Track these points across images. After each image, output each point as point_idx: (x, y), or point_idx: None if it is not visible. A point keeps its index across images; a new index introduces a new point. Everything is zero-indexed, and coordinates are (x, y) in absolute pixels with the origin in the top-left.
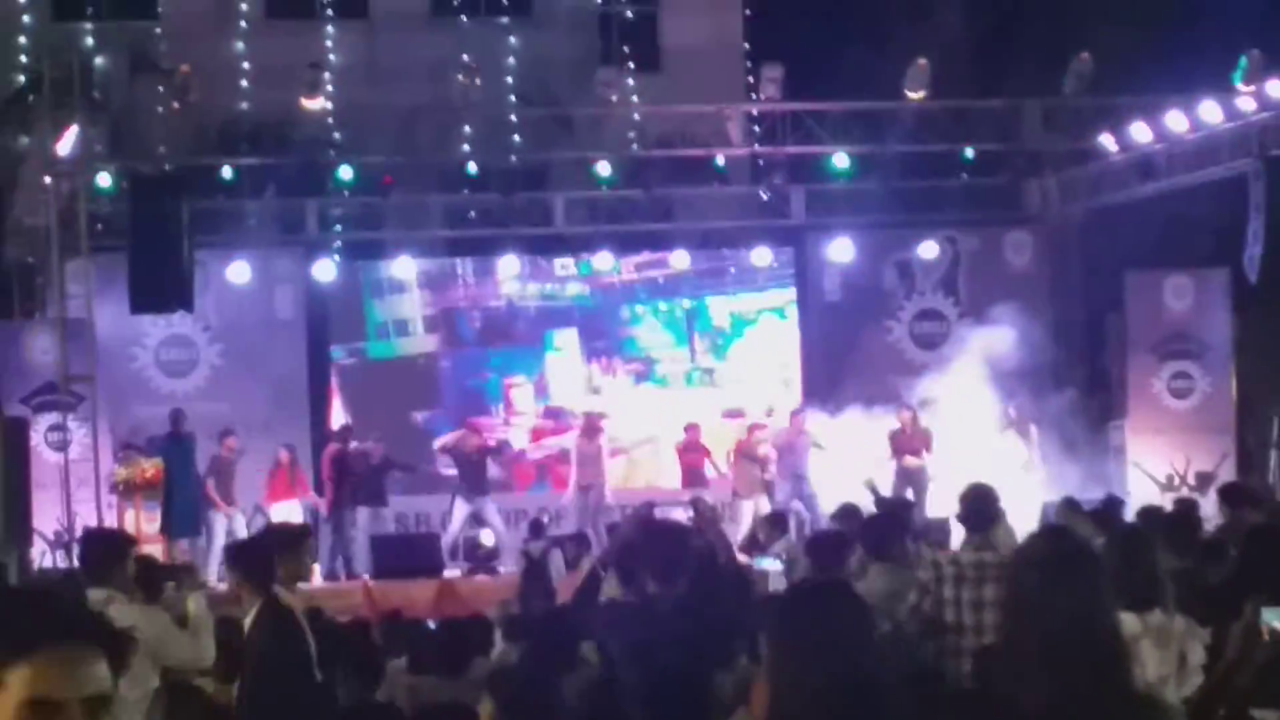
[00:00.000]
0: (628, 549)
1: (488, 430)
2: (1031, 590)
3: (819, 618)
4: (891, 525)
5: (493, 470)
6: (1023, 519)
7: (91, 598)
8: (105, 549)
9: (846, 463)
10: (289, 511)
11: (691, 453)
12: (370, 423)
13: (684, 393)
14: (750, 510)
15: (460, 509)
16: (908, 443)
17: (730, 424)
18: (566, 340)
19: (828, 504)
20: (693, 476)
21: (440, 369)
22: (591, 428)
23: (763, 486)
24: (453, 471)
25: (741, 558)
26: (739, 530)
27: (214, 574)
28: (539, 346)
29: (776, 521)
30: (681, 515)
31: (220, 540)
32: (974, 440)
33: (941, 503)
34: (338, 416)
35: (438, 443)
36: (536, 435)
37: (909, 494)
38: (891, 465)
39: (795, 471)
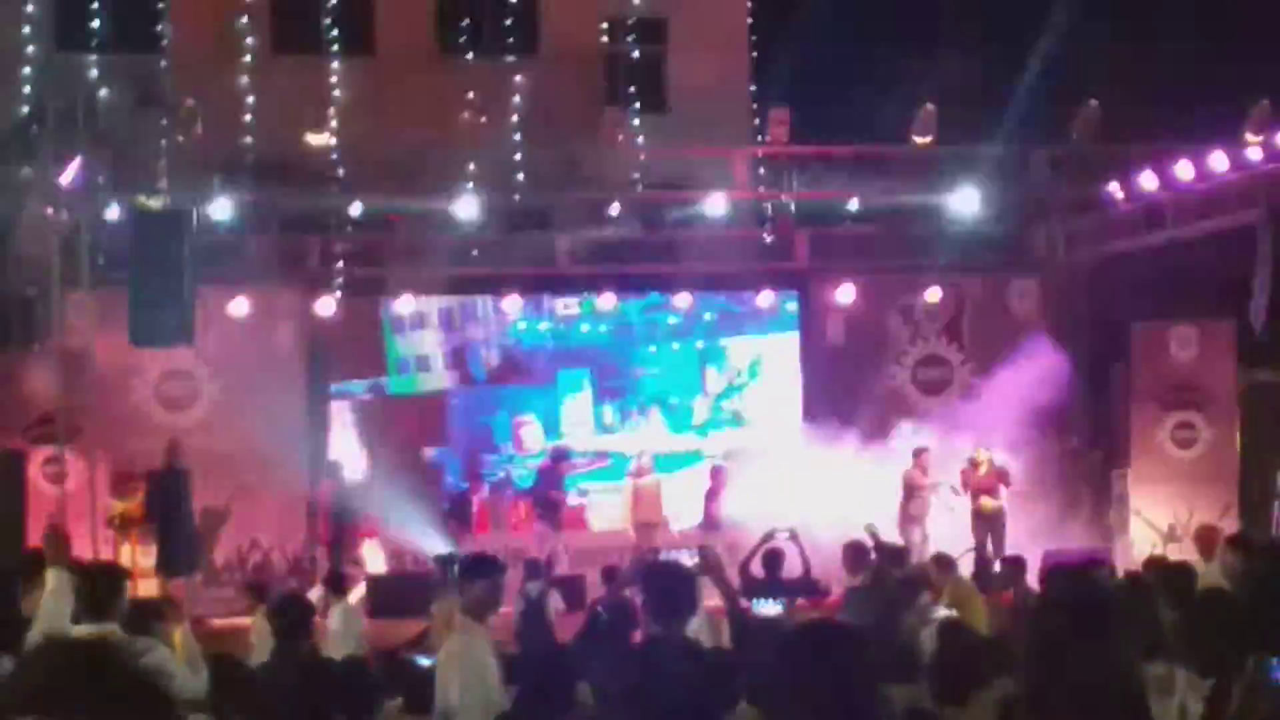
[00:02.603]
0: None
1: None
2: (1061, 636)
3: (815, 657)
4: None
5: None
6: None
7: (87, 633)
8: (103, 584)
9: (849, 506)
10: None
11: (712, 499)
12: (381, 457)
13: (694, 433)
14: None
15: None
16: (982, 482)
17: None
18: (579, 380)
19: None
20: (711, 520)
21: (451, 406)
22: (643, 469)
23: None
24: None
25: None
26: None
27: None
28: (551, 385)
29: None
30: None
31: None
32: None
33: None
34: (335, 451)
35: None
36: (543, 474)
37: (988, 538)
38: (946, 502)
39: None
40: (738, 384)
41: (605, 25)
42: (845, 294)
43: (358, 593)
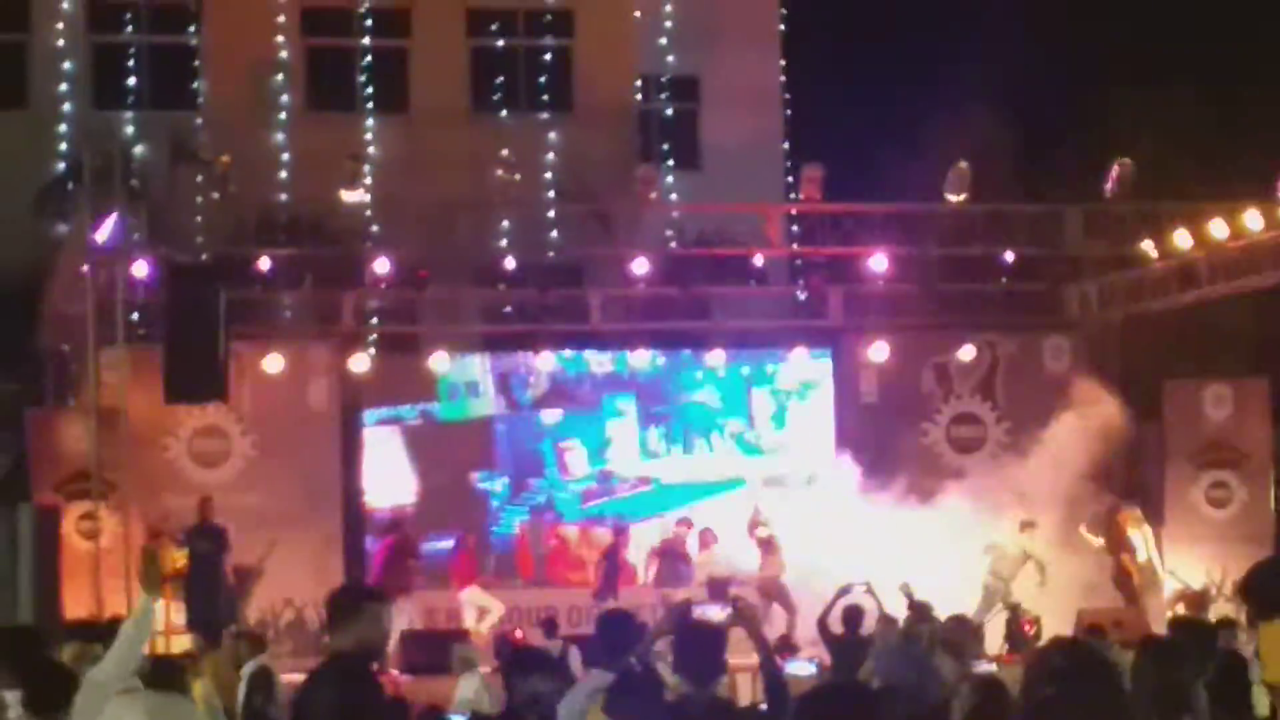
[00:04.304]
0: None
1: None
2: (1047, 703)
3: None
4: None
5: None
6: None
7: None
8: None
9: (883, 564)
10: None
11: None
12: (429, 483)
13: (737, 459)
14: None
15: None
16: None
17: (769, 492)
18: (625, 406)
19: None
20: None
21: (496, 431)
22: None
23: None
24: None
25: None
26: None
27: None
28: (597, 411)
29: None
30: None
31: None
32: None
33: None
34: (371, 480)
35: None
36: (587, 498)
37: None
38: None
39: None
40: (786, 404)
41: (639, 83)
42: (879, 351)
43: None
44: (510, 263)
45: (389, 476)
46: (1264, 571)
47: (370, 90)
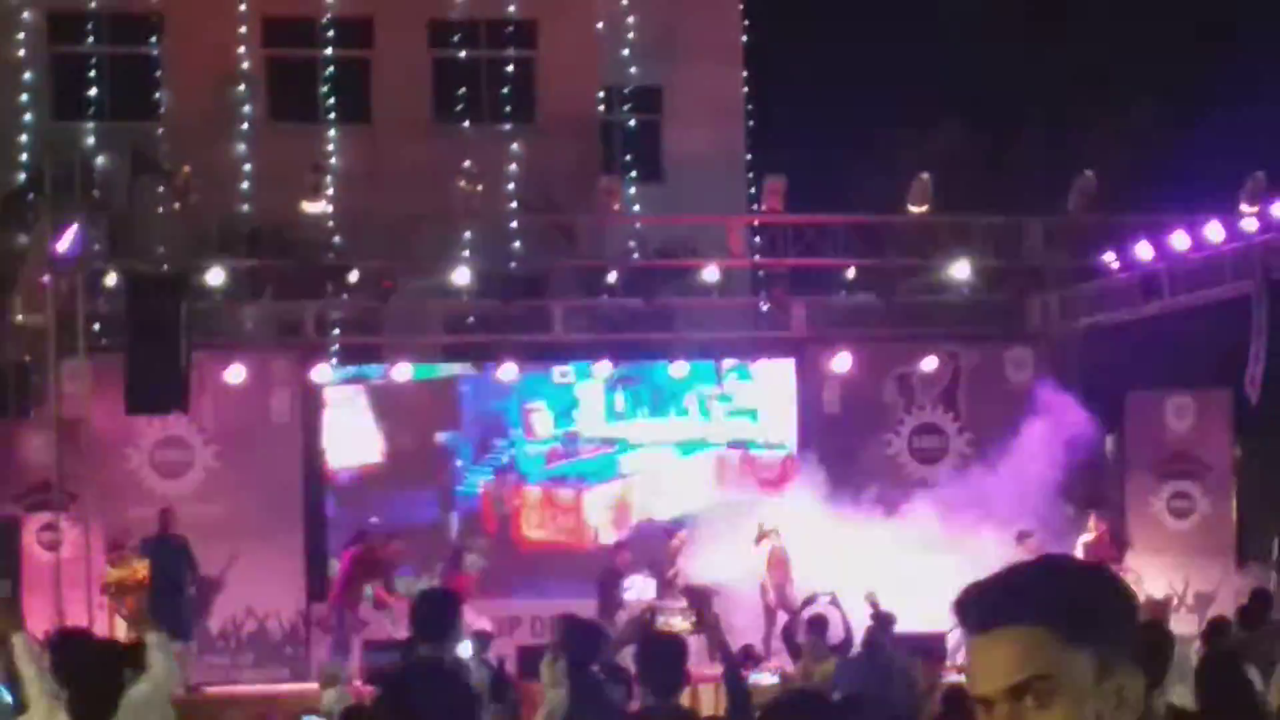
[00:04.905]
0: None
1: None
2: None
3: None
4: None
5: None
6: None
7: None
8: (81, 650)
9: (844, 573)
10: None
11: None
12: (396, 443)
13: (699, 422)
14: None
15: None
16: (1104, 552)
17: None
18: (597, 369)
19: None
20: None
21: (461, 391)
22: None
23: None
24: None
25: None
26: None
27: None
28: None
29: None
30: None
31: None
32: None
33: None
34: (333, 440)
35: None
36: (551, 459)
37: None
38: None
39: None
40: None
41: (601, 94)
42: (842, 362)
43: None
44: (469, 274)
45: (353, 436)
46: (978, 586)
47: (332, 101)
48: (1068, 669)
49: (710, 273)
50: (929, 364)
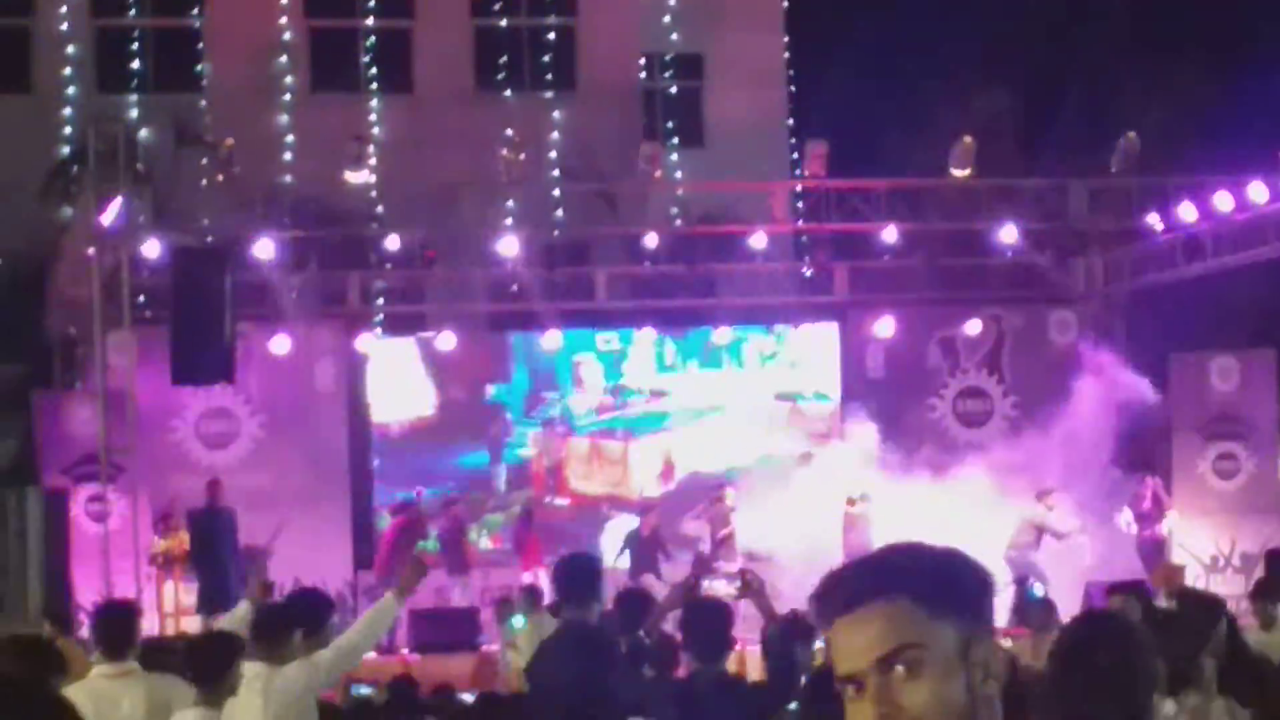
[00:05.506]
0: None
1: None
2: (1061, 675)
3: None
4: None
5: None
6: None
7: (105, 672)
8: (122, 620)
9: (892, 536)
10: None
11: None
12: (447, 396)
13: (747, 374)
14: None
15: None
16: (1150, 513)
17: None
18: (641, 336)
19: None
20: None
21: (510, 344)
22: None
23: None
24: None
25: None
26: None
27: None
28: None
29: None
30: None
31: None
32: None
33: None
34: (378, 395)
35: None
36: (601, 411)
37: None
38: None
39: None
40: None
41: (642, 61)
42: (885, 327)
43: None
44: (516, 242)
45: (404, 390)
46: (837, 572)
47: (374, 71)
48: (934, 640)
49: (758, 239)
50: (973, 327)
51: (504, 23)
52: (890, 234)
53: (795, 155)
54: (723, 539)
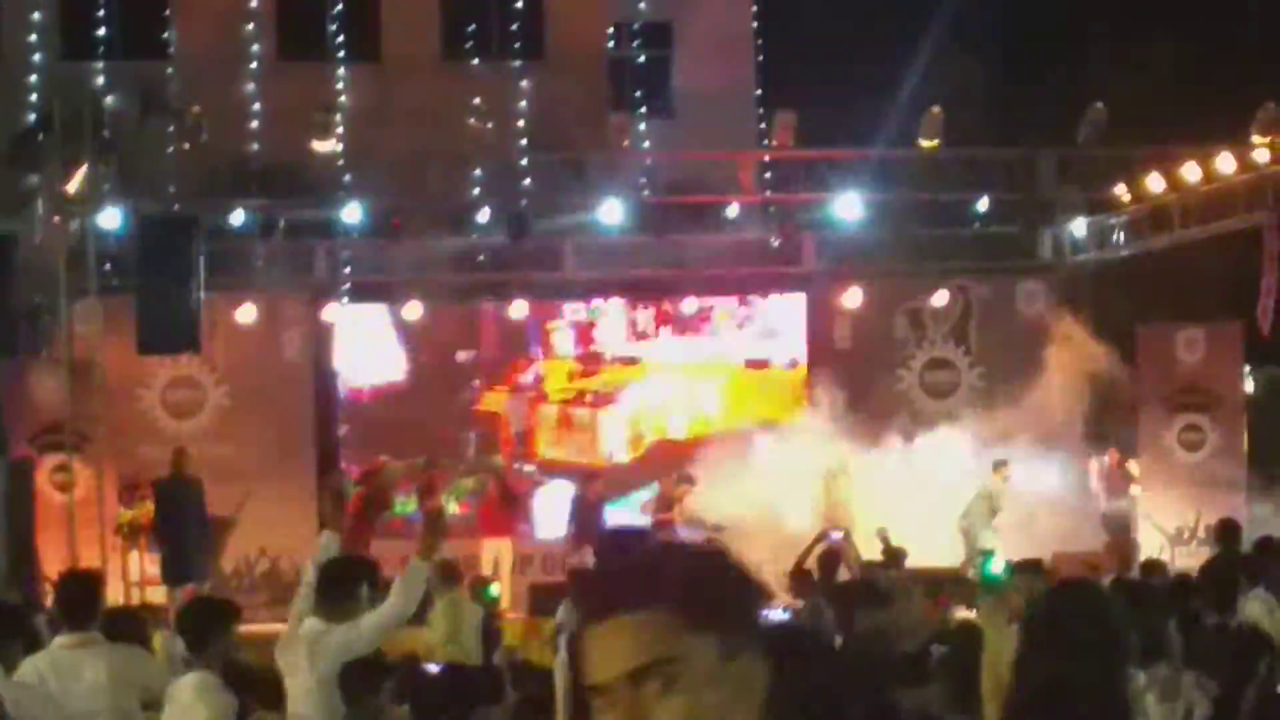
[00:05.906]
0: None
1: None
2: (1036, 646)
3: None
4: None
5: None
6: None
7: (66, 642)
8: (84, 590)
9: (858, 508)
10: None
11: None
12: (416, 365)
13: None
14: None
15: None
16: (1115, 484)
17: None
18: (609, 306)
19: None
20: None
21: (480, 309)
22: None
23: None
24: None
25: None
26: None
27: None
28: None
29: None
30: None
31: None
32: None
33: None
34: (346, 359)
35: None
36: (570, 377)
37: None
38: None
39: None
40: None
41: (610, 30)
42: (852, 297)
43: None
44: (488, 213)
45: (373, 355)
46: (594, 575)
47: (341, 39)
48: (691, 654)
49: (731, 210)
50: (940, 298)
51: None
52: (850, 204)
53: (763, 125)
54: (661, 521)
